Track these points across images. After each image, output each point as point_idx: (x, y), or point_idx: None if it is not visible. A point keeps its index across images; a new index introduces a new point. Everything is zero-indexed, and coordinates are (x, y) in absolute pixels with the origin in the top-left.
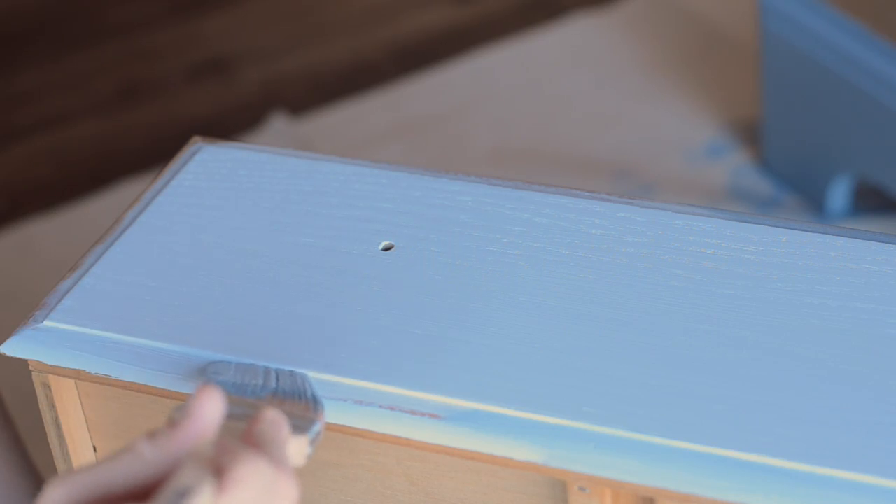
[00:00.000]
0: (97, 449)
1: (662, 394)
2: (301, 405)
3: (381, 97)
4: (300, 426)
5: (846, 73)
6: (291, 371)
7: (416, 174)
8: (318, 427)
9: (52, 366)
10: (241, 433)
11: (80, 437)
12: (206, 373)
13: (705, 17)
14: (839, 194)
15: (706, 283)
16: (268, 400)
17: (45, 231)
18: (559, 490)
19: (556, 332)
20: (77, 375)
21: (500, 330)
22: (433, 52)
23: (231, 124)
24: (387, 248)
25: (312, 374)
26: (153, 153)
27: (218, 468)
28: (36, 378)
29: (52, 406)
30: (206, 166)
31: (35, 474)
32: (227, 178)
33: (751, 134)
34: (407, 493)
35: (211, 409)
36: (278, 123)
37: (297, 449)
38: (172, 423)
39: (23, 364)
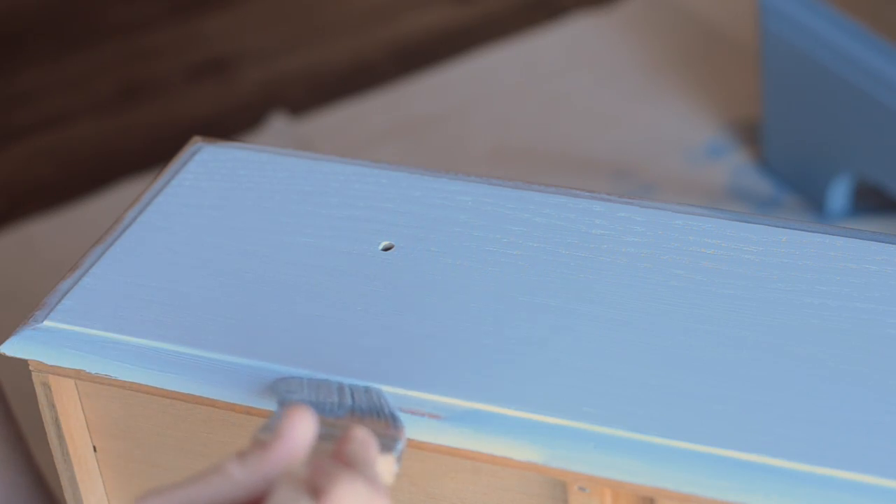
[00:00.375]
0: (97, 449)
1: (662, 394)
2: (381, 423)
3: (381, 97)
4: (385, 444)
5: (846, 73)
6: (366, 387)
7: (416, 174)
8: (401, 445)
9: (52, 366)
10: (328, 453)
11: (80, 437)
12: (277, 391)
13: (705, 17)
14: (839, 194)
15: (706, 283)
16: (347, 418)
17: (44, 231)
18: (559, 490)
19: (557, 333)
20: (77, 375)
21: (500, 330)
22: (433, 52)
23: (231, 124)
24: (387, 248)
25: (309, 374)
26: (153, 153)
27: (314, 489)
28: (36, 378)
29: (52, 406)
30: (206, 166)
31: (38, 474)
32: (227, 178)
33: (751, 134)
34: (407, 493)
35: (303, 429)
36: (278, 123)
37: (385, 468)
38: (260, 443)
39: (23, 364)
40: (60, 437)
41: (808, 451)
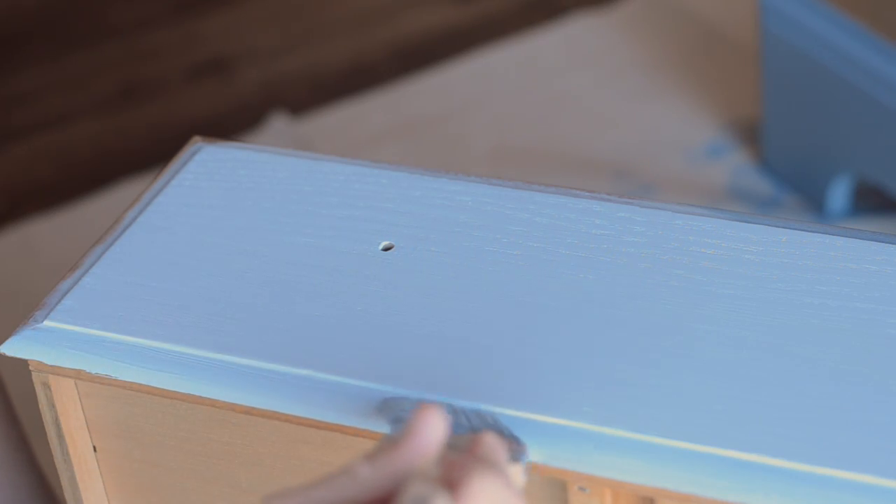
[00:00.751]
0: (97, 449)
1: (662, 394)
2: (504, 440)
3: (381, 97)
4: (513, 455)
5: (846, 73)
6: (478, 410)
7: (416, 174)
8: (527, 459)
9: (52, 366)
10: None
11: (80, 437)
12: (388, 410)
13: (705, 17)
14: (839, 194)
15: (706, 283)
16: (469, 435)
17: (44, 231)
18: (559, 490)
19: (556, 332)
20: (77, 375)
21: (500, 330)
22: (433, 52)
23: (231, 124)
24: (387, 248)
25: (309, 373)
26: (153, 153)
27: (450, 483)
28: (36, 378)
29: (52, 406)
30: (206, 166)
31: (40, 475)
32: (227, 178)
33: (751, 134)
34: None
35: (435, 426)
36: (278, 123)
37: (514, 476)
38: (389, 444)
39: (23, 364)
40: (60, 437)
41: (808, 451)
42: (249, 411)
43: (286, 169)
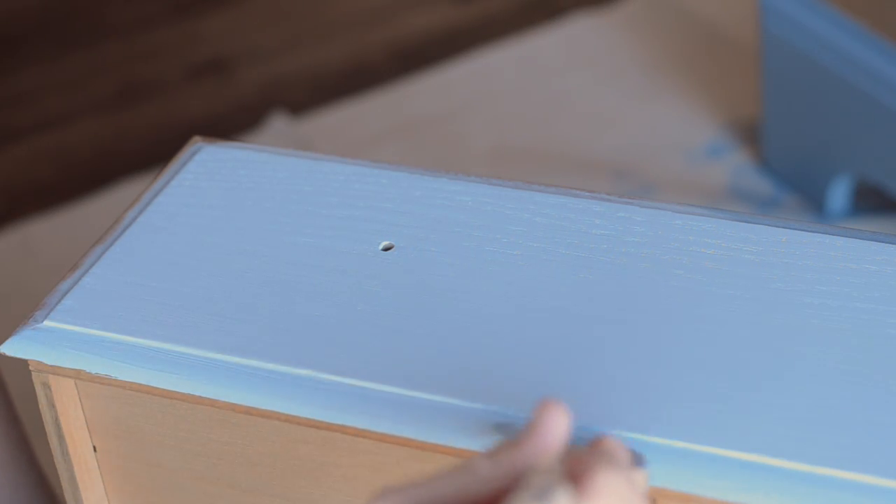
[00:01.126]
0: (97, 449)
1: (662, 394)
2: None
3: (380, 97)
4: (635, 460)
5: (846, 73)
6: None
7: (416, 174)
8: (647, 466)
9: (52, 366)
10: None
11: (80, 437)
12: (505, 433)
13: (705, 17)
14: (839, 194)
15: (706, 283)
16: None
17: (44, 231)
18: None
19: (555, 333)
20: (77, 375)
21: (500, 330)
22: (433, 53)
23: (231, 124)
24: (387, 248)
25: (309, 374)
26: (153, 153)
27: (573, 478)
28: (36, 378)
29: (52, 406)
30: (206, 166)
31: (41, 475)
32: (227, 178)
33: (751, 134)
34: None
35: (557, 424)
36: (278, 123)
37: (639, 480)
38: (510, 442)
39: (23, 364)
40: (60, 437)
41: (808, 451)
42: (249, 411)
43: (286, 169)
